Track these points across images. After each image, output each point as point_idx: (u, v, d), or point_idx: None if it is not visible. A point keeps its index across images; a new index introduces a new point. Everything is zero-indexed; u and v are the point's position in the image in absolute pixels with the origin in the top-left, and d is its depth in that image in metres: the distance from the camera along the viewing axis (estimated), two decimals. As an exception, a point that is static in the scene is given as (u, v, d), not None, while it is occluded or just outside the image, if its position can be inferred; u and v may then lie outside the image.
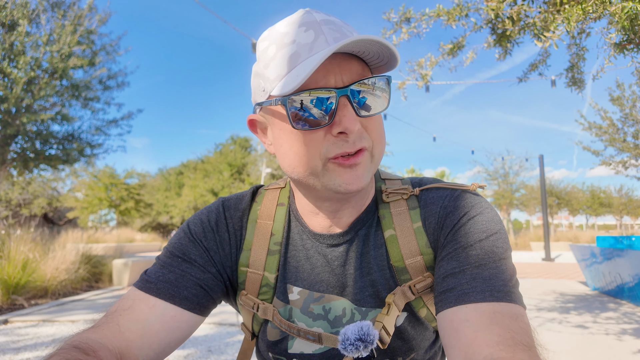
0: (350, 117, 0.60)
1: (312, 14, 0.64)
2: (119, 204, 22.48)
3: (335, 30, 0.62)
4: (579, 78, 3.59)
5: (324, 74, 0.60)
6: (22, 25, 7.92)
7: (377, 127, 0.66)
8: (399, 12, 3.41)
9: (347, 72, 0.62)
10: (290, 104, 0.61)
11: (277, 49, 0.62)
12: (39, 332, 4.24)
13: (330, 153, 0.62)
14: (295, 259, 0.75)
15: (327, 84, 0.60)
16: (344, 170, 0.63)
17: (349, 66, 0.62)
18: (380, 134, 0.67)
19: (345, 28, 0.64)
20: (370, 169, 0.66)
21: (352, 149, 0.62)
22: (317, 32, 0.61)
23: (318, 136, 0.62)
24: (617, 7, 2.43)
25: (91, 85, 9.65)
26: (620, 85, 11.37)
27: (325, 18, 0.64)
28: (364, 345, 0.62)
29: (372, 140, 0.65)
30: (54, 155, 9.61)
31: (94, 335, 0.62)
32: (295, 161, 0.65)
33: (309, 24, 0.62)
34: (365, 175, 0.64)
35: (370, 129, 0.65)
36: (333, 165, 0.63)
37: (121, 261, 7.65)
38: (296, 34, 0.62)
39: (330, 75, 0.61)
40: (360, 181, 0.63)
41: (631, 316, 4.82)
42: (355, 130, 0.60)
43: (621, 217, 33.44)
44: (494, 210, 0.70)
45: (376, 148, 0.66)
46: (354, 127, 0.60)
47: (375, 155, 0.67)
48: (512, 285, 0.61)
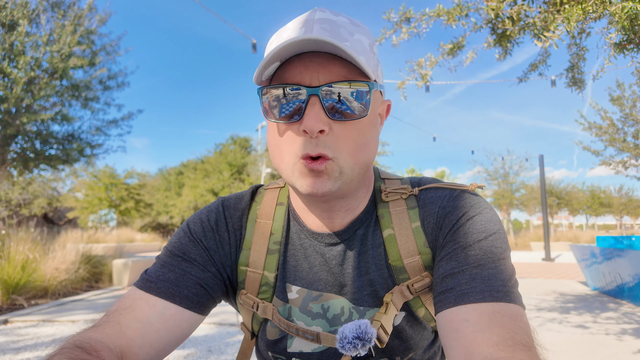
0: (314, 116, 0.59)
1: (315, 12, 0.64)
2: (119, 204, 22.47)
3: (326, 30, 0.60)
4: (579, 78, 3.59)
5: (300, 70, 0.61)
6: (22, 25, 7.93)
7: (351, 135, 0.62)
8: (399, 12, 3.41)
9: (326, 72, 0.60)
10: (264, 95, 0.63)
11: (272, 41, 0.65)
12: (39, 332, 4.24)
13: (299, 151, 0.63)
14: (294, 258, 0.75)
15: (301, 81, 0.61)
16: (308, 173, 0.62)
17: (329, 66, 0.60)
18: (353, 144, 0.63)
19: (346, 29, 0.62)
20: (339, 178, 0.63)
21: (313, 152, 0.61)
22: (307, 30, 0.61)
23: (293, 131, 0.63)
24: (617, 7, 2.43)
25: (91, 86, 9.65)
26: (621, 85, 11.36)
27: (325, 17, 0.62)
28: (362, 343, 0.62)
29: (339, 151, 0.62)
30: (54, 156, 9.60)
31: (95, 334, 0.62)
32: (275, 152, 0.67)
33: (306, 21, 0.62)
34: (330, 183, 0.63)
35: (341, 135, 0.62)
36: (300, 164, 0.63)
37: (121, 261, 7.65)
38: (292, 30, 0.63)
39: (307, 73, 0.60)
40: (324, 187, 0.62)
41: (631, 316, 4.82)
42: (316, 131, 0.59)
43: (621, 217, 33.44)
44: (493, 211, 0.70)
45: (345, 159, 0.62)
46: (315, 127, 0.59)
47: (345, 166, 0.63)
48: (512, 285, 0.61)
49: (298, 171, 0.64)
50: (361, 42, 0.62)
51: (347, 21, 0.64)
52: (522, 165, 24.25)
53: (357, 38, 0.62)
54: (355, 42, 0.61)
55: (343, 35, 0.61)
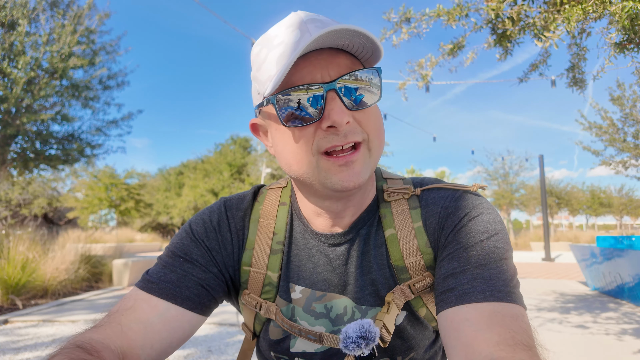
0: (339, 110, 0.60)
1: (299, 14, 0.65)
2: (119, 204, 22.46)
3: (321, 27, 0.62)
4: (580, 78, 3.59)
5: (310, 70, 0.61)
6: (22, 25, 7.92)
7: (372, 119, 0.65)
8: (399, 12, 3.41)
9: (335, 67, 0.62)
10: (279, 103, 0.62)
11: (268, 52, 0.64)
12: (39, 332, 4.24)
13: (321, 147, 0.63)
14: (298, 257, 0.75)
15: (313, 79, 0.61)
16: (339, 168, 0.63)
17: (336, 60, 0.62)
18: (376, 126, 0.66)
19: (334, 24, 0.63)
20: (369, 164, 0.65)
21: (342, 142, 0.62)
22: (303, 30, 0.62)
23: (309, 132, 0.63)
24: (618, 7, 2.43)
25: (91, 85, 9.65)
26: (621, 85, 11.36)
27: (312, 17, 0.64)
28: (365, 342, 0.63)
29: (367, 133, 0.64)
30: (54, 155, 9.60)
31: (96, 335, 0.62)
32: (291, 159, 0.66)
33: (295, 24, 0.63)
34: (362, 171, 0.64)
35: (364, 122, 0.64)
36: (327, 162, 0.63)
37: (121, 261, 7.64)
38: (284, 35, 0.63)
39: (317, 70, 0.61)
40: (357, 178, 0.63)
41: (631, 316, 4.82)
42: (344, 124, 0.60)
43: (621, 217, 33.44)
44: (495, 211, 0.70)
45: (373, 141, 0.65)
46: (342, 119, 0.60)
47: (373, 148, 0.66)
48: (513, 286, 0.61)
49: (325, 169, 0.64)
50: None
51: (330, 19, 0.66)
52: (522, 165, 24.28)
53: None
54: None
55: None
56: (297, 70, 0.61)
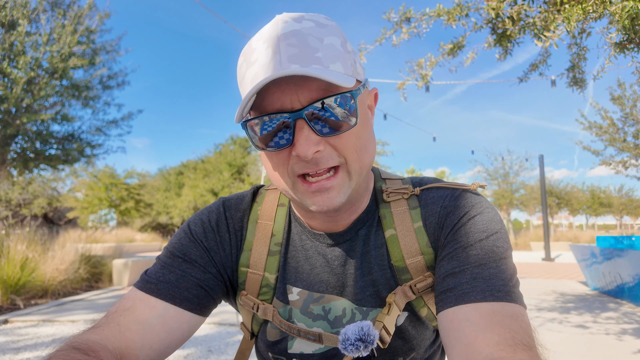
0: (304, 142, 0.58)
1: (276, 25, 0.60)
2: (119, 204, 22.46)
3: (294, 46, 0.57)
4: (580, 78, 3.59)
5: (279, 96, 0.58)
6: (22, 25, 7.92)
7: (350, 143, 0.62)
8: (399, 12, 3.41)
9: (306, 92, 0.58)
10: (250, 128, 0.61)
11: (246, 68, 0.62)
12: (38, 332, 4.24)
13: (295, 172, 0.62)
14: (295, 259, 0.75)
15: (282, 106, 0.58)
16: (312, 194, 0.62)
17: (307, 85, 0.58)
18: (355, 149, 0.62)
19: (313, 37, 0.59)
20: (349, 187, 0.64)
21: (314, 170, 0.61)
22: (275, 50, 0.58)
23: (283, 156, 0.62)
24: (618, 7, 2.43)
25: (91, 85, 9.64)
26: (622, 84, 11.36)
27: (290, 30, 0.59)
28: (364, 345, 0.63)
29: (344, 157, 0.62)
30: (54, 155, 9.60)
31: (94, 336, 0.61)
32: (272, 177, 0.67)
33: (270, 40, 0.59)
34: (339, 196, 0.63)
35: (340, 147, 0.61)
36: (302, 186, 0.63)
37: (121, 261, 7.64)
38: (259, 51, 0.60)
39: (287, 96, 0.58)
40: (332, 203, 0.62)
41: (631, 316, 4.82)
42: (309, 155, 0.58)
43: (621, 217, 33.43)
44: (495, 210, 0.70)
45: (352, 164, 0.63)
46: (307, 152, 0.58)
47: (352, 171, 0.63)
48: (513, 285, 0.61)
49: (301, 191, 0.63)
50: (333, 45, 0.60)
51: (313, 25, 0.60)
52: (522, 165, 24.28)
53: (327, 42, 0.59)
54: (326, 48, 0.59)
55: (312, 45, 0.58)
56: (267, 95, 0.59)
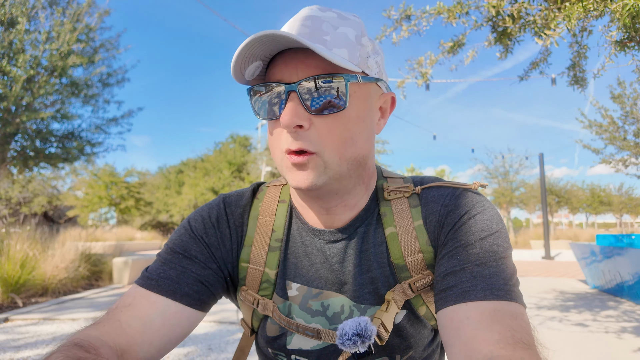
0: (290, 112, 0.60)
1: (302, 10, 0.65)
2: (119, 203, 22.47)
3: (307, 27, 0.62)
4: (581, 77, 3.58)
5: (281, 68, 0.62)
6: (22, 23, 7.91)
7: (334, 130, 0.62)
8: (399, 9, 3.40)
9: (305, 68, 0.61)
10: (251, 95, 0.66)
11: None
12: (39, 330, 4.25)
13: (282, 146, 0.64)
14: (295, 255, 0.75)
15: (282, 77, 0.62)
16: (291, 167, 0.64)
17: (308, 61, 0.61)
18: (337, 139, 0.62)
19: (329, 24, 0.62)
20: (325, 173, 0.63)
21: (292, 146, 0.62)
22: (289, 28, 0.63)
23: (278, 127, 0.65)
24: (618, 5, 2.43)
25: (91, 83, 9.64)
26: (622, 83, 11.34)
27: (310, 14, 0.63)
28: (361, 340, 0.63)
29: (322, 145, 0.61)
30: (54, 154, 9.61)
31: (94, 332, 0.62)
32: (271, 150, 0.69)
33: (294, 19, 0.64)
34: (315, 178, 0.63)
35: (325, 133, 0.61)
36: (286, 160, 0.65)
37: (121, 259, 7.65)
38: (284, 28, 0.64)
39: (286, 70, 0.62)
40: (307, 181, 0.63)
41: (631, 314, 4.83)
42: (291, 126, 0.60)
43: (621, 215, 33.46)
44: (495, 210, 0.70)
45: (329, 154, 0.62)
46: (290, 122, 0.59)
47: (329, 161, 0.62)
48: (513, 284, 0.61)
49: (285, 166, 0.66)
50: (345, 34, 0.62)
51: (335, 15, 0.64)
52: (522, 164, 24.27)
53: (341, 31, 0.62)
54: (337, 35, 0.62)
55: (324, 29, 0.62)
56: (273, 66, 0.64)
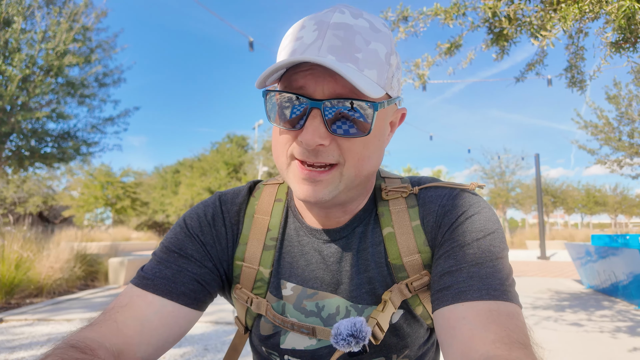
0: (312, 131, 0.58)
1: (333, 13, 0.61)
2: (115, 203, 22.36)
3: (339, 38, 0.58)
4: (580, 79, 3.60)
5: (307, 79, 0.59)
6: (17, 22, 7.86)
7: (355, 148, 0.62)
8: (396, 10, 3.40)
9: (332, 85, 0.58)
10: (268, 98, 0.63)
11: (290, 41, 0.63)
12: (34, 331, 4.22)
13: (293, 155, 0.63)
14: (290, 254, 0.75)
15: (305, 87, 0.59)
16: (302, 180, 0.63)
17: (336, 79, 0.58)
18: (357, 157, 0.62)
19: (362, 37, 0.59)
20: (338, 186, 0.64)
21: (312, 160, 0.61)
22: (319, 36, 0.59)
23: (290, 135, 0.63)
24: (614, 6, 2.44)
25: (87, 83, 9.59)
26: (617, 84, 11.42)
27: (342, 21, 0.59)
28: (355, 341, 0.63)
29: (345, 159, 0.62)
30: (50, 154, 9.55)
31: (91, 333, 0.61)
32: (274, 152, 0.68)
33: (320, 23, 0.60)
34: (328, 191, 0.63)
35: (345, 148, 0.61)
36: (295, 168, 0.63)
37: (117, 260, 7.62)
38: (307, 30, 0.61)
39: (312, 82, 0.59)
40: (318, 196, 0.62)
41: (625, 314, 4.86)
42: (313, 146, 0.59)
43: (616, 215, 33.68)
44: (492, 210, 0.71)
45: (348, 169, 0.63)
46: (312, 142, 0.58)
47: (346, 175, 0.63)
48: (509, 285, 0.62)
49: (293, 174, 0.64)
50: (376, 52, 0.59)
51: (367, 25, 0.60)
52: (518, 164, 24.39)
53: (372, 48, 0.59)
54: (369, 52, 0.59)
55: (357, 44, 0.58)
56: (296, 72, 0.60)
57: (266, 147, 21.10)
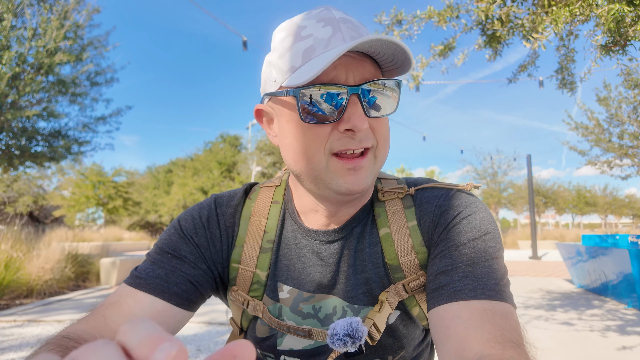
0: (360, 115, 0.61)
1: (331, 11, 0.65)
2: (107, 202, 22.13)
3: (353, 29, 0.63)
4: (570, 80, 3.64)
5: (336, 70, 0.61)
6: (7, 19, 7.75)
7: (383, 128, 0.67)
8: (390, 14, 3.42)
9: (360, 71, 0.62)
10: (302, 97, 0.61)
11: (294, 41, 0.63)
12: (24, 332, 4.16)
13: (334, 148, 0.63)
14: (287, 257, 0.75)
15: (338, 80, 0.61)
16: (346, 171, 0.64)
17: (362, 65, 0.62)
18: (385, 136, 0.68)
19: (362, 29, 0.65)
20: (373, 171, 0.67)
21: (357, 146, 0.63)
22: (335, 29, 0.62)
23: (325, 131, 0.63)
24: (604, 10, 2.48)
25: (78, 81, 9.47)
26: (607, 86, 11.56)
27: (343, 17, 0.65)
28: (351, 341, 0.63)
29: (377, 140, 0.66)
30: (40, 153, 9.41)
31: (81, 326, 0.62)
32: (300, 154, 0.65)
33: (327, 20, 0.63)
34: (367, 177, 0.65)
35: (376, 130, 0.66)
36: (336, 163, 0.64)
37: (109, 260, 7.54)
38: (314, 28, 0.63)
39: (343, 72, 0.61)
40: (362, 183, 0.64)
41: (615, 313, 4.92)
42: (364, 129, 0.61)
43: (606, 216, 34.12)
44: (488, 211, 0.71)
45: (380, 150, 0.67)
46: (362, 125, 0.61)
47: (379, 156, 0.67)
48: (504, 285, 0.62)
49: (335, 168, 0.64)
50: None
51: (358, 22, 0.67)
52: (510, 165, 24.59)
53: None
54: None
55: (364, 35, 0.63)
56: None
57: (259, 147, 21.02)
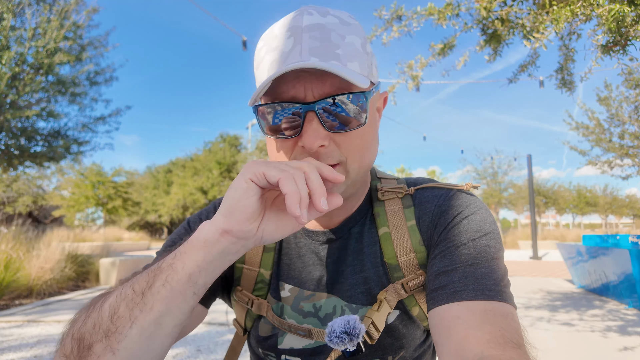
0: (313, 134, 0.59)
1: (301, 16, 0.61)
2: (107, 202, 22.12)
3: (317, 39, 0.59)
4: (569, 80, 3.63)
5: (294, 84, 0.59)
6: (7, 19, 7.75)
7: (355, 142, 0.64)
8: (390, 9, 3.41)
9: (320, 86, 0.59)
10: (261, 114, 0.62)
11: (265, 53, 0.62)
12: (23, 332, 4.16)
13: None
14: (288, 256, 0.77)
15: (296, 96, 0.60)
16: None
17: (323, 79, 0.59)
18: (357, 149, 0.64)
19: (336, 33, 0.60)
20: (346, 182, 0.65)
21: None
22: (296, 41, 0.59)
23: (289, 145, 0.64)
24: (604, 9, 2.47)
25: (78, 81, 9.47)
26: (608, 85, 11.56)
27: (314, 22, 0.60)
28: (349, 338, 0.63)
29: (346, 156, 0.63)
30: (40, 152, 9.41)
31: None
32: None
33: (293, 29, 0.61)
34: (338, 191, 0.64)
35: (344, 145, 0.63)
36: None
37: (108, 260, 7.54)
38: (282, 38, 0.61)
39: (301, 87, 0.59)
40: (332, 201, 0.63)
41: (616, 313, 4.92)
42: (315, 148, 0.59)
43: (606, 216, 34.12)
44: (488, 211, 0.71)
45: (351, 164, 0.64)
46: (313, 144, 0.59)
47: (351, 171, 0.65)
48: (504, 285, 0.62)
49: None
50: (353, 44, 0.61)
51: (337, 21, 0.61)
52: (510, 165, 24.59)
53: (349, 41, 0.60)
54: (347, 46, 0.60)
55: (334, 41, 0.59)
56: (282, 82, 0.60)
57: (259, 147, 21.04)
